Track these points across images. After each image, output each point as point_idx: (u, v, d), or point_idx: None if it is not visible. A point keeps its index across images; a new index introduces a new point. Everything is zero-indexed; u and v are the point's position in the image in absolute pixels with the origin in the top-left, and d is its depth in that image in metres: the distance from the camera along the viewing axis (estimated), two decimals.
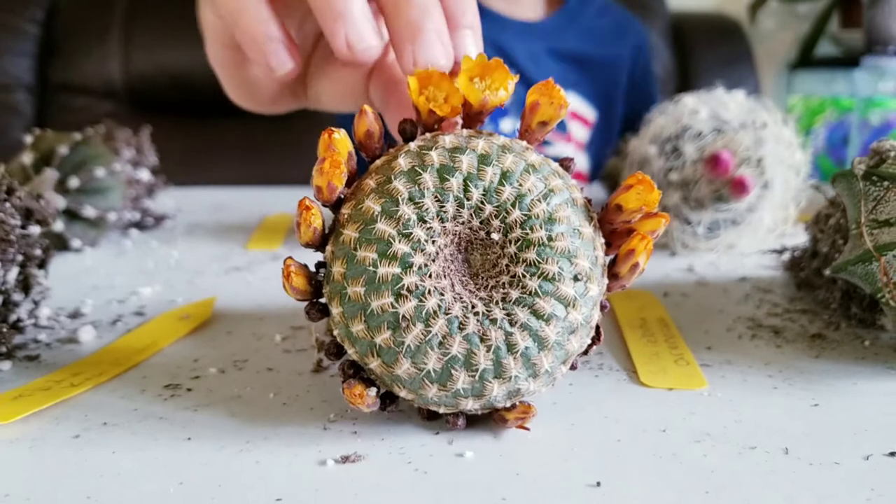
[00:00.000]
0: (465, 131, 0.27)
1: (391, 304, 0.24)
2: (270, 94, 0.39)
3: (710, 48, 1.70)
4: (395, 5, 0.30)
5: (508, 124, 0.91)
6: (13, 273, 0.36)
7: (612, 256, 0.28)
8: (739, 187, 0.50)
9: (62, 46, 1.53)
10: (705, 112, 0.52)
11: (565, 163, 0.28)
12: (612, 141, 1.02)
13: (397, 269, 0.24)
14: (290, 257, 0.26)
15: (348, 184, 0.27)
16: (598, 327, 0.27)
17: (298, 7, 0.34)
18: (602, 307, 0.27)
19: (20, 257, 0.37)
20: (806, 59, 1.91)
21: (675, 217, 0.52)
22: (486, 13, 0.96)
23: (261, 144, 1.47)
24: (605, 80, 1.00)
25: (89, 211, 0.55)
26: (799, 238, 0.50)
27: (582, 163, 1.00)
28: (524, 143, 0.27)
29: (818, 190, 0.45)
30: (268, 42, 0.32)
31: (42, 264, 0.39)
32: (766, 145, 0.50)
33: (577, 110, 0.98)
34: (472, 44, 0.31)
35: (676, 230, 0.53)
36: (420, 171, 0.25)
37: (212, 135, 1.49)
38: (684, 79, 1.67)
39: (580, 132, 0.99)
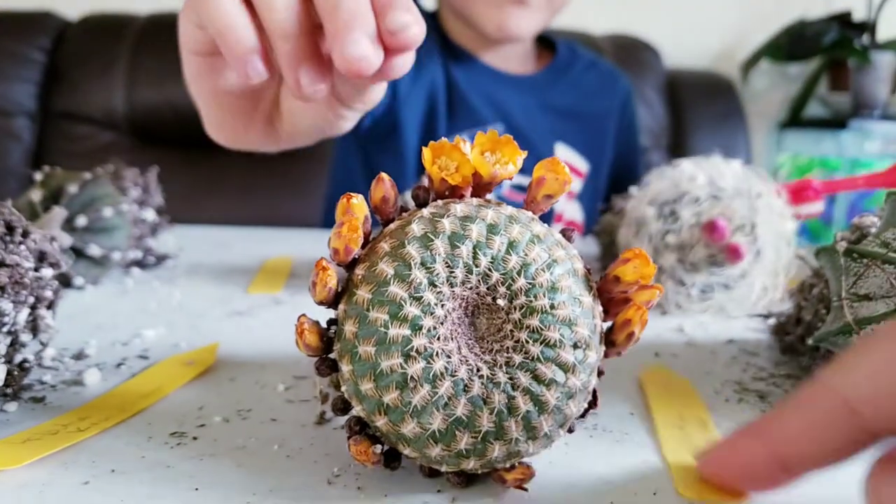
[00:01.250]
0: (474, 200, 0.29)
1: (400, 364, 0.25)
2: (245, 112, 0.42)
3: (704, 105, 1.75)
4: (329, 14, 0.33)
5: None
6: (24, 314, 0.37)
7: (609, 324, 0.29)
8: (734, 253, 0.52)
9: (67, 74, 1.54)
10: (703, 178, 0.53)
11: (567, 233, 0.29)
12: (602, 191, 1.05)
13: (407, 331, 0.25)
14: (304, 315, 0.27)
15: (363, 245, 0.28)
16: (594, 392, 0.28)
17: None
18: (599, 373, 0.28)
19: (31, 299, 0.37)
20: (795, 119, 1.96)
21: (669, 278, 0.54)
22: (481, 68, 0.99)
23: (261, 181, 1.49)
24: (594, 133, 1.04)
25: (94, 250, 0.56)
26: (785, 304, 0.52)
27: (575, 212, 1.03)
28: (530, 213, 0.29)
29: (803, 260, 0.46)
30: (247, 52, 0.34)
31: (51, 305, 0.40)
32: (760, 214, 0.52)
33: (569, 161, 1.00)
34: (409, 17, 0.32)
35: (671, 291, 0.54)
36: (432, 237, 0.26)
37: (213, 169, 1.50)
38: (678, 133, 1.71)
39: (573, 183, 1.01)
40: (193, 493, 0.27)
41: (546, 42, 1.09)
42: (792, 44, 1.86)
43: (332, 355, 0.28)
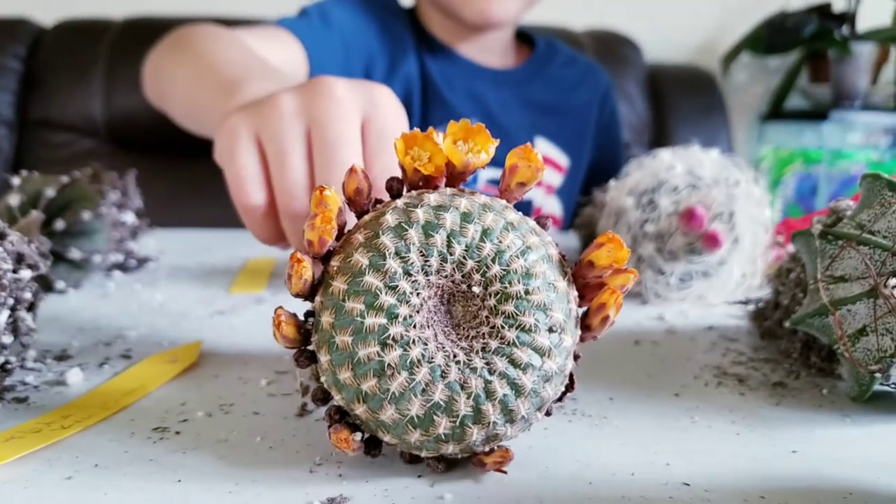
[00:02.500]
0: (448, 190, 0.29)
1: (377, 352, 0.25)
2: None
3: (685, 99, 1.76)
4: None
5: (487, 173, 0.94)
6: (3, 316, 0.37)
7: (584, 309, 0.29)
8: (712, 241, 0.52)
9: (44, 82, 1.53)
10: (681, 167, 0.54)
11: (542, 221, 0.30)
12: (581, 186, 1.06)
13: (383, 320, 0.26)
14: (280, 307, 0.27)
15: (337, 237, 0.28)
16: (571, 376, 0.29)
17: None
18: (575, 357, 0.29)
19: (11, 301, 0.37)
20: (776, 112, 1.97)
21: (648, 267, 0.54)
22: (460, 61, 0.99)
23: None
24: (574, 128, 1.04)
25: (74, 253, 0.56)
26: (763, 290, 0.53)
27: (555, 207, 1.03)
28: (504, 201, 0.29)
29: (780, 245, 0.47)
30: (256, 218, 0.39)
31: (31, 307, 0.40)
32: (738, 202, 0.53)
33: (548, 156, 1.01)
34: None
35: (650, 280, 0.55)
36: (406, 227, 0.27)
37: (193, 175, 1.49)
38: (659, 128, 1.72)
39: (553, 178, 1.02)
40: (176, 485, 0.27)
41: (525, 37, 1.09)
42: (772, 36, 1.87)
43: (310, 347, 0.28)
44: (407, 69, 0.96)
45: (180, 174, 1.49)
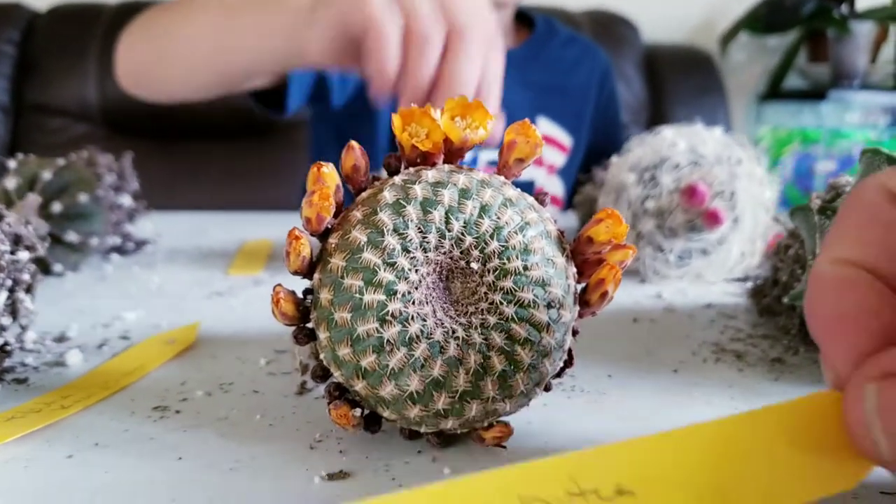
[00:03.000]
0: (446, 166, 0.29)
1: (376, 329, 0.25)
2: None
3: (683, 79, 1.75)
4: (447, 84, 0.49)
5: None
6: (2, 297, 0.37)
7: (583, 285, 0.29)
8: (713, 219, 0.52)
9: (38, 67, 1.52)
10: (683, 145, 0.54)
11: (540, 197, 0.30)
12: (579, 166, 1.05)
13: (382, 297, 0.26)
14: (279, 284, 0.27)
15: (335, 214, 0.28)
16: (570, 351, 0.29)
17: None
18: (574, 332, 0.29)
19: (9, 282, 0.37)
20: (775, 92, 1.96)
21: (648, 244, 0.54)
22: None
23: (238, 169, 1.48)
24: (575, 108, 1.04)
25: (72, 236, 0.56)
26: (762, 267, 0.53)
27: (557, 188, 1.03)
28: (502, 178, 0.29)
29: (778, 222, 0.47)
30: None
31: (29, 289, 0.40)
32: (740, 181, 0.53)
33: (552, 135, 1.01)
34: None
35: (648, 257, 0.55)
36: (404, 203, 0.27)
37: (189, 159, 1.49)
38: (657, 108, 1.72)
39: (556, 157, 1.01)
40: (177, 462, 0.27)
41: (524, 18, 1.08)
42: (771, 15, 1.86)
43: (308, 324, 0.28)
44: None
45: (176, 158, 1.49)
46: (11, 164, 0.58)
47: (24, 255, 0.39)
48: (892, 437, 0.17)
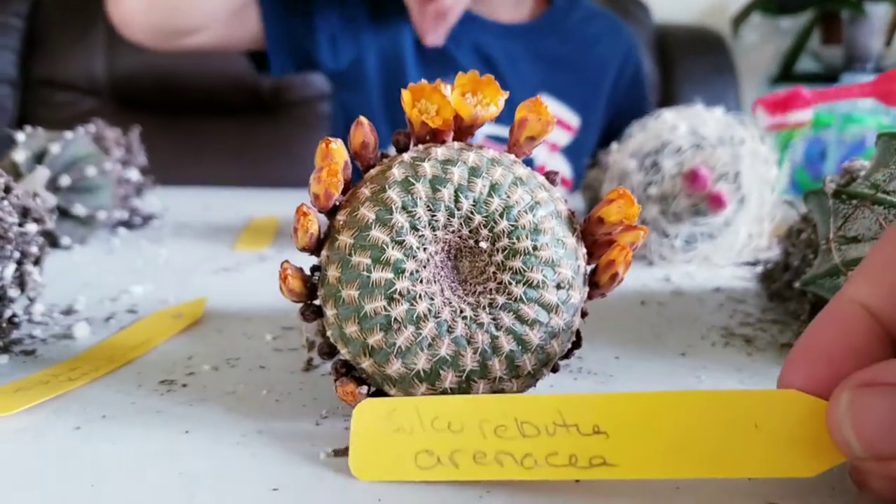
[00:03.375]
0: (456, 144, 0.29)
1: (384, 307, 0.25)
2: None
3: (694, 60, 1.74)
4: None
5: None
6: (10, 270, 0.37)
7: (593, 266, 0.29)
8: (717, 202, 0.52)
9: (45, 41, 1.52)
10: (684, 128, 0.53)
11: (551, 176, 0.29)
12: (593, 146, 1.04)
13: (390, 275, 0.25)
14: (286, 261, 0.27)
15: (343, 191, 0.28)
16: (578, 332, 0.29)
17: None
18: (583, 314, 0.29)
19: (17, 254, 0.37)
20: (787, 74, 1.94)
21: (653, 230, 0.54)
22: (465, 16, 0.97)
23: (246, 144, 1.48)
24: (588, 86, 1.02)
25: (79, 209, 0.56)
26: (772, 251, 0.52)
27: (560, 167, 1.02)
28: (512, 156, 0.29)
29: (791, 205, 0.47)
30: None
31: (37, 261, 0.40)
32: (743, 161, 0.52)
33: (557, 114, 1.00)
34: None
35: (654, 242, 0.54)
36: (413, 181, 0.26)
37: (197, 134, 1.49)
38: (667, 89, 1.70)
39: (559, 136, 1.00)
40: (184, 435, 0.27)
41: None
42: None
43: (316, 301, 0.28)
44: (402, 20, 0.94)
45: (184, 133, 1.49)
46: (20, 136, 0.58)
47: (32, 227, 0.39)
48: (860, 436, 0.20)
